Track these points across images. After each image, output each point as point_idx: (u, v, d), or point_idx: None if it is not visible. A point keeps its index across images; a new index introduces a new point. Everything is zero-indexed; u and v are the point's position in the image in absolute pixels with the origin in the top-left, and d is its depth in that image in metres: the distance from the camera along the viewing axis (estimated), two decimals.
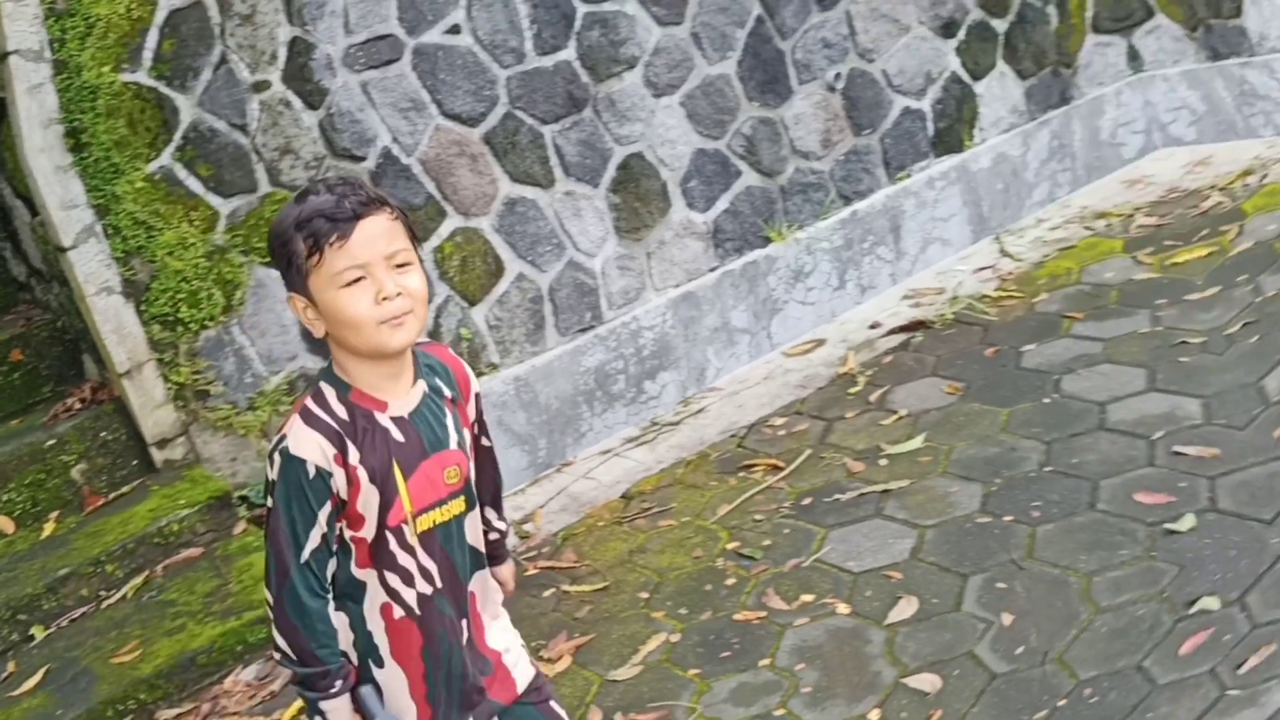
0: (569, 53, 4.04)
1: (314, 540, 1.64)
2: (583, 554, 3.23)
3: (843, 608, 2.73)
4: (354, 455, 1.65)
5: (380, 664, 1.72)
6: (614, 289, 4.20)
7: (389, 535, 1.69)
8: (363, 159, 3.75)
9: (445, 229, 3.91)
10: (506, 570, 1.95)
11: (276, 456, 1.64)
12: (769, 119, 4.43)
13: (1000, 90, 4.88)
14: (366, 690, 1.71)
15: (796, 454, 3.45)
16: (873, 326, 4.20)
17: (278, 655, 1.68)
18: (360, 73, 3.72)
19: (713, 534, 3.18)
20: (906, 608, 2.67)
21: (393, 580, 1.70)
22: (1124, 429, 3.11)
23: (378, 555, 1.69)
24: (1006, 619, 2.51)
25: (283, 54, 3.59)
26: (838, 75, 4.51)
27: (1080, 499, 2.89)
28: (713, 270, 4.38)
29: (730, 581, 2.93)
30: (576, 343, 4.12)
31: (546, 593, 3.07)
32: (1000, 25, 4.83)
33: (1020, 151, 4.95)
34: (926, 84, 4.71)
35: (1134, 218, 4.40)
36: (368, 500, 1.67)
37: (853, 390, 3.74)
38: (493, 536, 1.89)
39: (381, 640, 1.72)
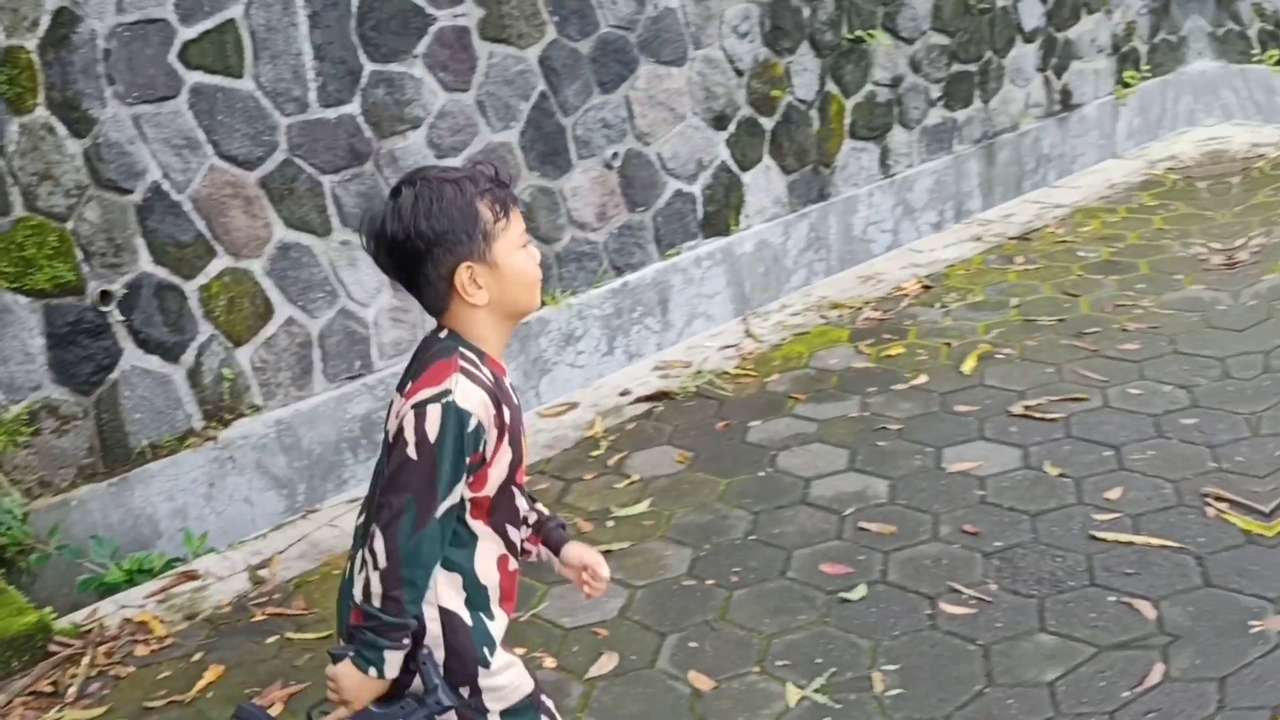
0: (353, 107, 4.15)
1: (454, 495, 1.70)
2: (313, 601, 3.30)
3: (550, 661, 2.92)
4: (507, 414, 1.75)
5: (491, 616, 1.80)
6: (386, 340, 4.31)
7: (514, 490, 1.80)
8: (130, 192, 3.74)
9: (214, 268, 3.93)
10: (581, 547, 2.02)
11: (437, 408, 1.67)
12: (548, 189, 4.67)
13: (765, 182, 5.31)
14: (426, 654, 1.73)
15: None
16: (623, 394, 4.47)
17: (368, 604, 1.68)
18: (133, 106, 3.72)
19: None
20: (607, 663, 2.89)
21: (512, 533, 1.82)
22: (822, 504, 3.46)
23: (499, 510, 1.79)
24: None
25: (45, 21, 3.52)
26: (615, 154, 4.80)
27: (775, 567, 3.19)
28: None
29: None
30: (344, 390, 4.20)
31: (270, 639, 3.13)
32: (768, 123, 5.26)
33: (781, 239, 5.38)
34: (698, 170, 5.07)
35: (862, 311, 4.87)
36: (503, 458, 1.75)
37: (595, 454, 3.98)
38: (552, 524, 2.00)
39: (495, 592, 1.80)
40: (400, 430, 1.69)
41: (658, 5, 4.82)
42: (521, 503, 1.86)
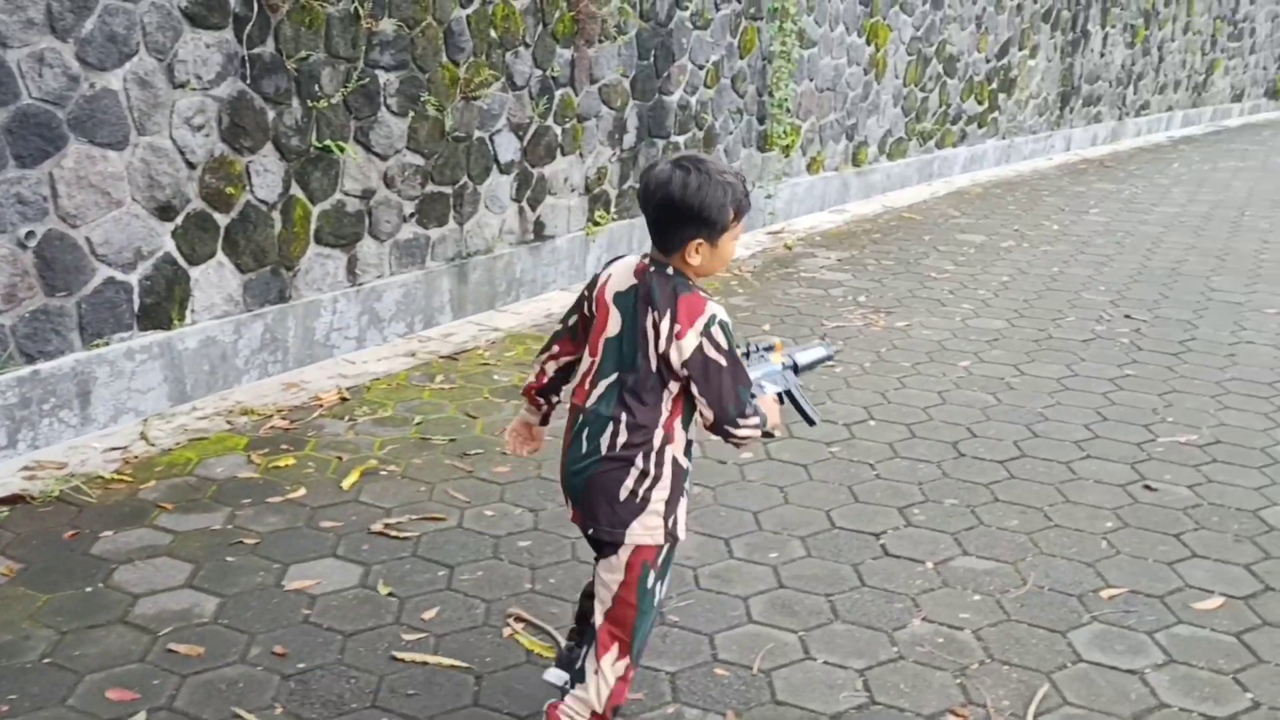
0: None
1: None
2: None
3: None
4: None
5: (690, 459, 2.56)
6: None
7: None
8: None
9: None
10: None
11: (717, 327, 2.41)
12: None
13: (217, 279, 5.20)
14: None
15: None
16: None
17: (756, 430, 2.48)
18: None
19: None
20: None
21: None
22: (140, 623, 3.32)
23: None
24: None
25: None
26: (30, 233, 4.49)
27: (58, 693, 3.00)
28: None
29: None
30: None
31: None
32: (222, 219, 5.19)
33: (232, 338, 5.27)
34: (137, 259, 4.87)
35: (271, 419, 4.86)
36: None
37: None
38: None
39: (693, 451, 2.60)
40: (701, 352, 2.40)
41: (95, 85, 4.62)
42: None
